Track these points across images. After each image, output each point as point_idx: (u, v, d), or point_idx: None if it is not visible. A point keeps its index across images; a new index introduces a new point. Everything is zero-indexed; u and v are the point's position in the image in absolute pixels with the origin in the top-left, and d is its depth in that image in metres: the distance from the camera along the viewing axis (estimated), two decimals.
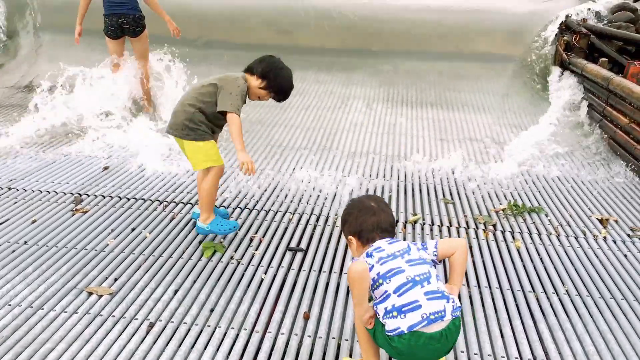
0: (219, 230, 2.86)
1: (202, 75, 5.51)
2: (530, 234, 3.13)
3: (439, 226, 3.20)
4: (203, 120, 2.79)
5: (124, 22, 4.87)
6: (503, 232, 3.14)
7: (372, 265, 1.78)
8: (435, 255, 1.86)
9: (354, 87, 6.21)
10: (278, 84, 2.82)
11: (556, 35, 6.23)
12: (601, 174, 4.10)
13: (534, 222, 3.28)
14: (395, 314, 1.72)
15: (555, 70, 5.91)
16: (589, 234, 3.16)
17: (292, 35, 7.03)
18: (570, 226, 3.26)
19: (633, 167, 4.10)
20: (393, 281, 1.74)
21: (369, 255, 1.82)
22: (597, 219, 3.36)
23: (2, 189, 3.51)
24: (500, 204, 3.53)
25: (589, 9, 6.87)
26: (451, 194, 3.68)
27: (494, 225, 3.23)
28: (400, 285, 1.73)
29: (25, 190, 3.49)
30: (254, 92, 2.84)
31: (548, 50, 6.16)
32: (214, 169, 2.81)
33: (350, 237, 1.95)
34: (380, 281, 1.76)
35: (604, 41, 5.95)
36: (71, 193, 3.47)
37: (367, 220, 1.91)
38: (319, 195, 3.58)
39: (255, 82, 2.81)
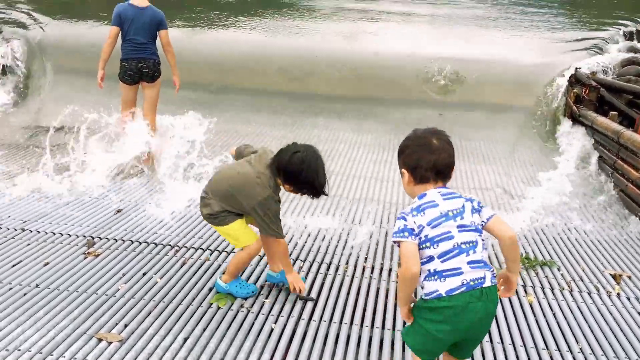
0: (237, 293, 2.83)
1: (217, 118, 5.65)
2: (542, 288, 3.11)
3: None
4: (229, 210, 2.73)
5: (143, 67, 4.90)
6: None
7: (422, 227, 1.75)
8: (482, 224, 1.82)
9: (364, 135, 6.27)
10: (307, 186, 2.62)
11: (566, 87, 6.31)
12: (613, 228, 4.08)
13: (546, 276, 3.26)
14: (435, 277, 1.73)
15: (565, 122, 5.96)
16: (602, 290, 3.12)
17: (303, 82, 7.16)
18: (583, 281, 3.23)
19: None
20: (440, 247, 1.74)
21: (420, 211, 1.77)
22: (610, 275, 3.33)
23: (15, 230, 3.54)
24: None
25: (598, 62, 6.98)
26: None
27: None
28: (446, 252, 1.73)
29: (39, 232, 3.52)
30: (286, 189, 2.69)
31: (558, 102, 6.23)
32: (251, 246, 2.76)
33: (403, 169, 1.90)
34: (428, 244, 1.75)
35: (613, 94, 6.00)
36: (84, 236, 3.49)
37: (425, 157, 1.84)
38: (329, 244, 3.58)
39: (283, 184, 2.66)
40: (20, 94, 6.90)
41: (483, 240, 1.80)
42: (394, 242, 1.80)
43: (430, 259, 1.75)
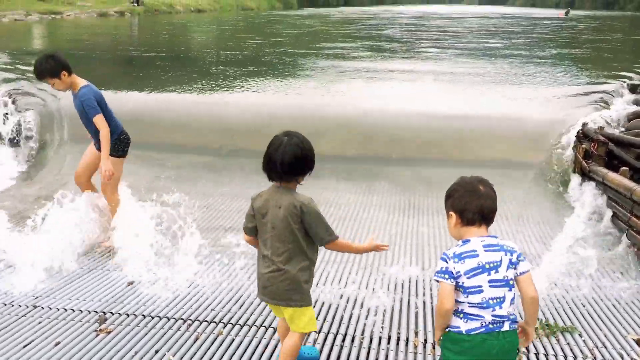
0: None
1: (228, 182, 5.63)
2: (565, 356, 3.02)
3: None
4: (311, 273, 2.55)
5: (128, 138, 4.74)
6: (537, 355, 3.03)
7: (460, 274, 1.99)
8: (514, 277, 2.03)
9: (374, 195, 6.26)
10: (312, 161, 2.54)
11: (574, 143, 6.32)
12: (633, 289, 4.00)
13: (568, 344, 3.17)
14: (461, 316, 2.01)
15: (576, 179, 5.94)
16: (627, 357, 3.03)
17: (313, 144, 7.21)
18: (606, 347, 3.14)
19: None
20: (469, 298, 1.99)
21: (461, 259, 2.00)
22: (634, 340, 3.24)
23: (27, 307, 3.52)
24: None
25: (605, 116, 7.02)
26: None
27: (527, 348, 3.12)
28: (474, 303, 1.99)
29: (50, 309, 3.49)
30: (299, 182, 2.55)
31: (567, 158, 6.23)
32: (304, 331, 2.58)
33: (451, 212, 2.13)
34: (461, 290, 2.00)
35: (622, 148, 6.00)
36: (95, 311, 3.46)
37: (472, 202, 2.08)
38: (343, 313, 3.52)
39: (299, 182, 2.53)
40: (34, 165, 6.98)
41: (513, 295, 2.02)
42: (435, 279, 2.05)
43: (461, 302, 2.01)
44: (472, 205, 2.07)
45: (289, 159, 2.43)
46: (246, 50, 15.95)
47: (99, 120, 4.38)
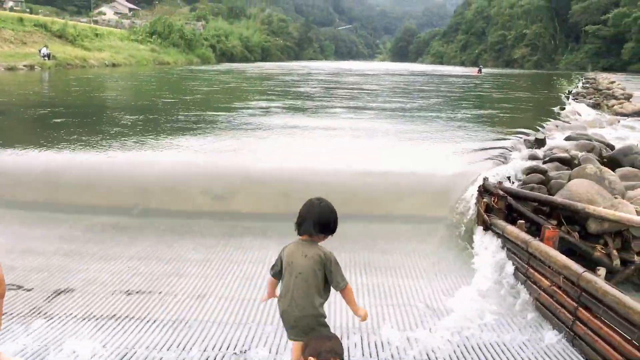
0: None
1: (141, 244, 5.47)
2: None
3: None
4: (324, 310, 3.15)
5: None
6: None
7: None
8: None
9: None
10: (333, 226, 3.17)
11: (477, 197, 6.68)
12: (532, 340, 4.21)
13: None
14: None
15: (480, 232, 6.24)
16: None
17: (227, 201, 7.21)
18: None
19: (561, 330, 4.25)
20: None
21: None
22: None
23: None
24: None
25: (504, 171, 7.50)
26: None
27: None
28: None
29: None
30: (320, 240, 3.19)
31: (471, 212, 6.56)
32: None
33: None
34: None
35: (520, 202, 6.41)
36: None
37: None
38: None
39: (322, 240, 3.17)
40: None
41: None
42: None
43: None
44: None
45: (324, 220, 3.10)
46: (161, 106, 15.84)
47: None
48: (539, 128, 12.19)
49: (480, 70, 62.17)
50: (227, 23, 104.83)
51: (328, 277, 3.09)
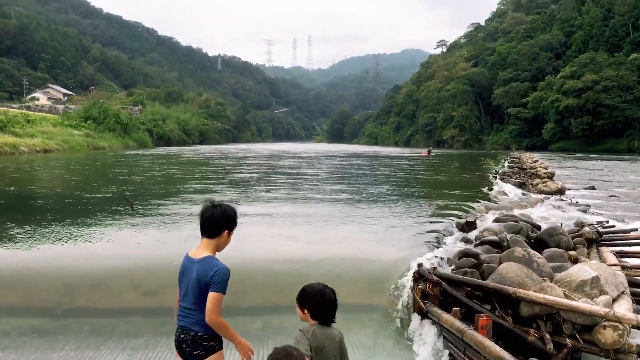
0: None
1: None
2: None
3: None
4: None
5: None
6: None
7: None
8: None
9: (228, 353, 6.04)
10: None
11: (412, 283, 6.71)
12: None
13: None
14: None
15: (416, 319, 6.23)
16: None
17: (159, 297, 6.92)
18: None
19: None
20: None
21: None
22: None
23: None
24: None
25: (437, 255, 7.61)
26: None
27: None
28: None
29: None
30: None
31: (406, 299, 6.56)
32: None
33: None
34: None
35: (454, 288, 6.47)
36: None
37: None
38: None
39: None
40: None
41: None
42: None
43: None
44: None
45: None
46: (90, 194, 15.40)
47: None
48: (470, 209, 12.58)
49: (430, 152, 63.56)
50: (164, 107, 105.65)
51: (343, 356, 3.74)
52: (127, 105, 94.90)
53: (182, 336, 3.91)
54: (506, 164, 37.49)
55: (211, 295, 3.79)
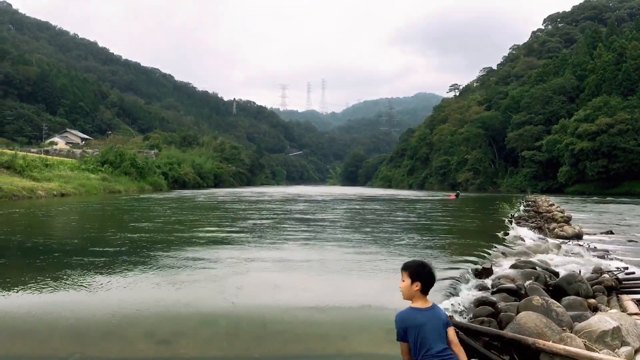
0: None
1: None
2: None
3: None
4: None
5: None
6: None
7: None
8: None
9: None
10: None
11: None
12: None
13: None
14: None
15: None
16: None
17: (172, 345, 6.85)
18: None
19: None
20: None
21: None
22: None
23: None
24: None
25: (453, 304, 7.49)
26: None
27: None
28: None
29: None
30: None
31: None
32: None
33: None
34: None
35: (471, 337, 6.34)
36: None
37: None
38: None
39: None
40: None
41: None
42: None
43: None
44: None
45: None
46: (102, 241, 15.44)
47: None
48: (486, 255, 12.41)
49: (457, 195, 62.44)
50: (180, 151, 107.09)
51: None
52: (144, 149, 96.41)
53: None
54: (522, 207, 37.16)
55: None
